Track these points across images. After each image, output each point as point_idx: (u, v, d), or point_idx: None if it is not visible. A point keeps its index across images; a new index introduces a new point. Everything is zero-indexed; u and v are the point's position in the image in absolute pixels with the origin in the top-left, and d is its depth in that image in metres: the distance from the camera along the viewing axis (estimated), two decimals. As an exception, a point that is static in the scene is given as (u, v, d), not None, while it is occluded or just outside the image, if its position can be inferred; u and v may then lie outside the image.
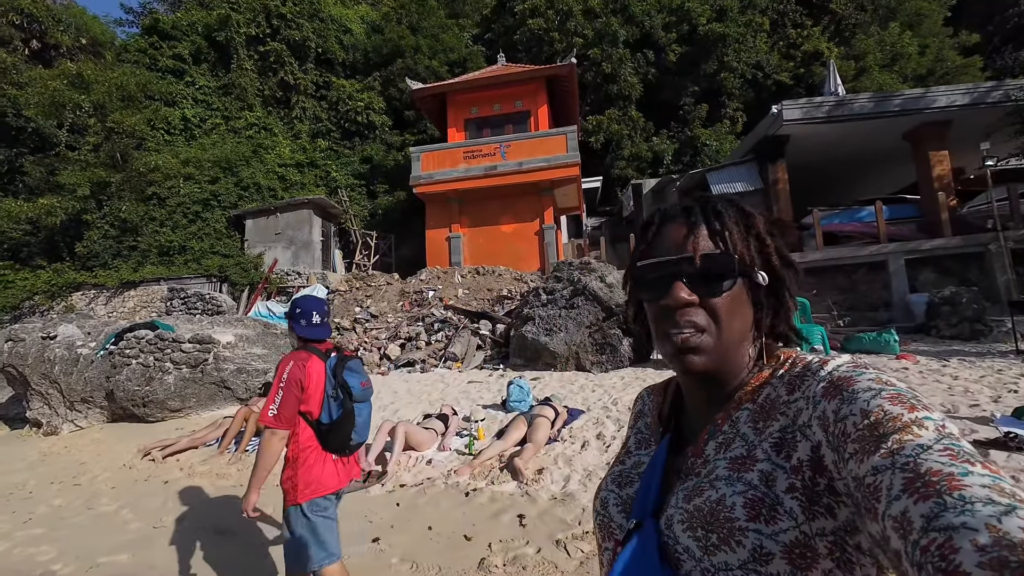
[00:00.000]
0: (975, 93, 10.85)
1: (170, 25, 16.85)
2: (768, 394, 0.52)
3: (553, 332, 7.28)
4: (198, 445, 4.80)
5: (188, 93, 16.37)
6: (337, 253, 15.02)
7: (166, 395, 6.03)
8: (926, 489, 0.33)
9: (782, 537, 0.44)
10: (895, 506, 0.34)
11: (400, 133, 17.40)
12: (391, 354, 9.11)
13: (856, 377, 0.45)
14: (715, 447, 0.53)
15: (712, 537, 0.46)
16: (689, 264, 0.55)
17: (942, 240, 8.76)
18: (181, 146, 15.24)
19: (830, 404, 0.44)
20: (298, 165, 15.83)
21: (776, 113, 11.37)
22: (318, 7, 17.74)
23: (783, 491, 0.45)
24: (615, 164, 19.02)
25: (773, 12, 20.73)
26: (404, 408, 5.65)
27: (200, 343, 6.42)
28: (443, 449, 4.15)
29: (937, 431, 0.38)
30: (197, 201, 13.73)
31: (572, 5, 18.27)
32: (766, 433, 0.49)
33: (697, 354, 0.54)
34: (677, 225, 0.58)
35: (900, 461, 0.36)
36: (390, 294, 11.57)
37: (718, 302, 0.54)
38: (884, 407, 0.41)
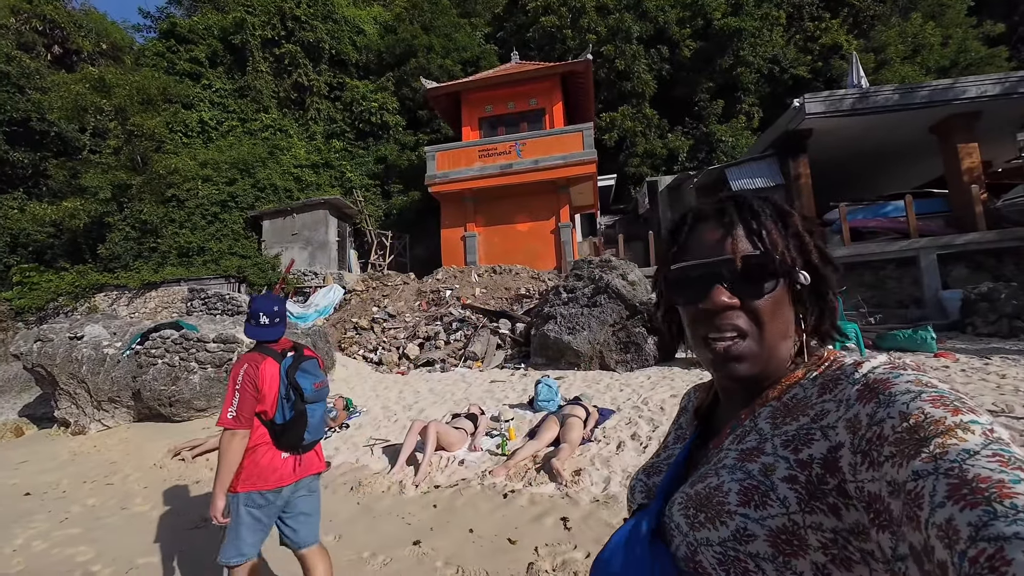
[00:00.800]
0: (1007, 83, 10.51)
1: (187, 29, 17.04)
2: (796, 394, 0.51)
3: (576, 331, 7.18)
4: (226, 445, 4.78)
5: (205, 96, 16.54)
6: (352, 253, 15.06)
7: (192, 395, 6.05)
8: (974, 496, 0.31)
9: (769, 522, 0.44)
10: (939, 513, 0.32)
11: (414, 133, 17.40)
12: (410, 354, 9.08)
13: (893, 380, 0.43)
14: (732, 440, 0.54)
15: (700, 516, 0.48)
16: (729, 266, 0.53)
17: (976, 234, 8.49)
18: (199, 148, 15.40)
19: (864, 407, 0.42)
20: (313, 166, 15.92)
21: (798, 107, 11.12)
22: (332, 8, 17.82)
23: (780, 479, 0.45)
24: (629, 162, 18.83)
25: (789, 5, 20.37)
26: (429, 408, 5.60)
27: (224, 343, 6.44)
28: (474, 449, 4.08)
29: (984, 435, 0.36)
30: (215, 202, 13.86)
31: (585, 1, 18.14)
32: (782, 429, 0.49)
33: (740, 361, 0.53)
34: (712, 225, 0.57)
35: (944, 466, 0.34)
36: (407, 294, 11.55)
37: (761, 305, 0.53)
38: (925, 410, 0.39)
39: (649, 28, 18.93)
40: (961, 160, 11.13)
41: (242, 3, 17.28)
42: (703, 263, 0.55)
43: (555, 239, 13.23)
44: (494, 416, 4.86)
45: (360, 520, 3.08)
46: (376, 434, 4.82)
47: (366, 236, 15.39)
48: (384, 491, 3.47)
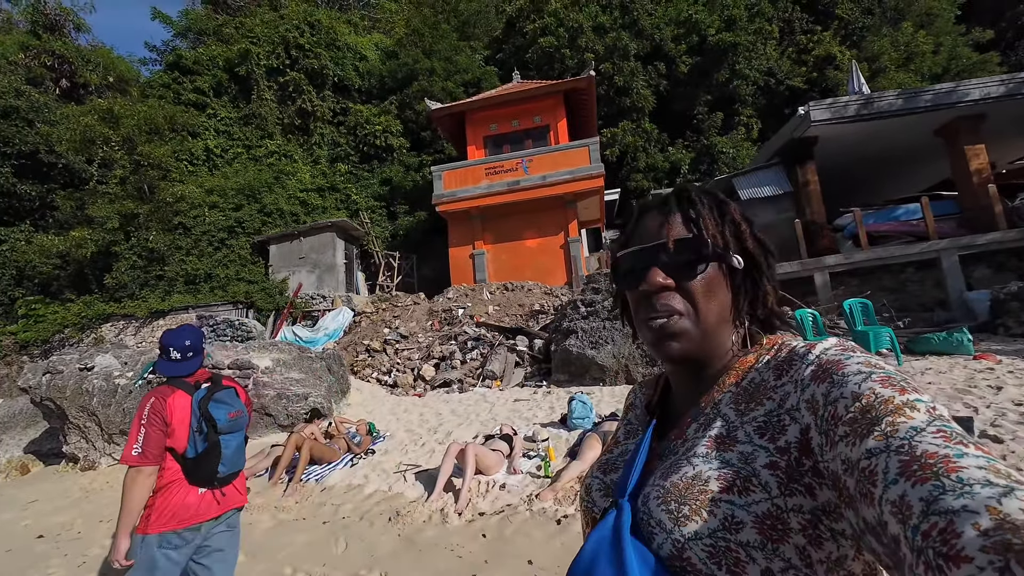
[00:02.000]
0: (1011, 84, 10.58)
1: (192, 61, 17.32)
2: (753, 378, 0.52)
3: (599, 345, 7.00)
4: (247, 476, 4.55)
5: (210, 124, 16.69)
6: (360, 275, 14.95)
7: (207, 424, 5.82)
8: (923, 472, 0.33)
9: (754, 508, 0.43)
10: (892, 490, 0.33)
11: (417, 154, 17.52)
12: (426, 375, 8.87)
13: (845, 360, 0.45)
14: (696, 428, 0.54)
15: (684, 509, 0.47)
16: (664, 250, 0.56)
17: (998, 234, 8.39)
18: (204, 176, 15.45)
19: (819, 387, 0.44)
20: (319, 190, 15.95)
21: (803, 114, 11.18)
22: (334, 36, 18.16)
23: (762, 466, 0.45)
24: (631, 176, 18.92)
25: (780, 20, 20.83)
26: (456, 430, 5.38)
27: (240, 368, 6.25)
28: (514, 472, 3.86)
29: (928, 413, 0.38)
30: (222, 228, 13.81)
31: (582, 22, 18.50)
32: (749, 416, 0.49)
33: (676, 339, 0.55)
34: (653, 215, 0.60)
35: (895, 444, 0.35)
36: (418, 314, 11.39)
37: (693, 285, 0.55)
38: (875, 390, 0.40)
39: (646, 45, 19.29)
40: (969, 161, 11.14)
41: (246, 35, 17.62)
42: (642, 248, 0.58)
43: (565, 254, 13.14)
44: (528, 436, 4.65)
45: (405, 555, 2.86)
46: (405, 459, 4.60)
47: (373, 258, 15.30)
48: (425, 521, 3.25)
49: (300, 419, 6.06)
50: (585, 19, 18.59)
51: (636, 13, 19.57)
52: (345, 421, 5.54)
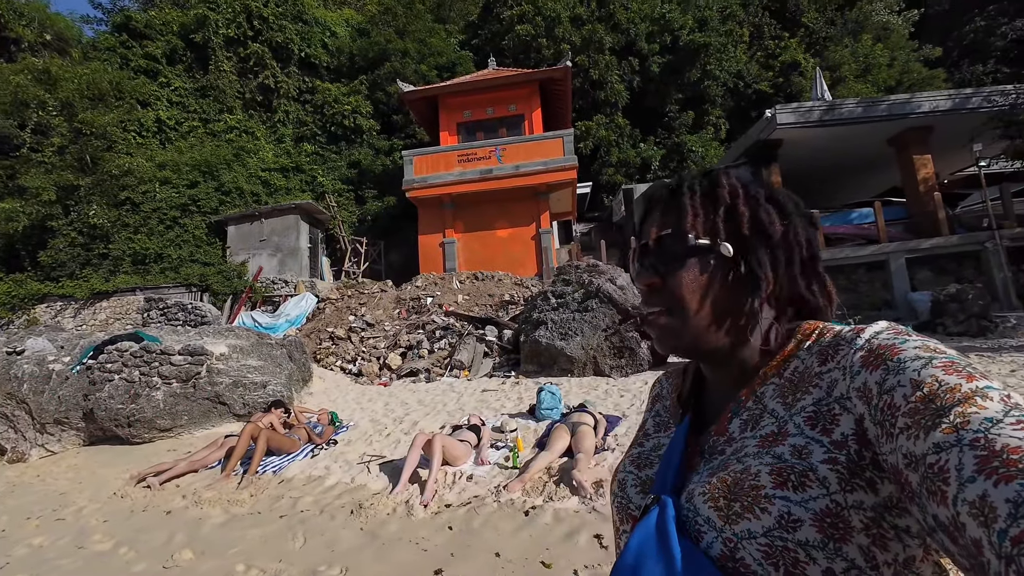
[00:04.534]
0: (956, 99, 11.27)
1: (143, 24, 16.01)
2: (796, 367, 0.49)
3: (569, 336, 7.02)
4: (198, 468, 4.29)
5: (163, 94, 15.54)
6: (325, 260, 14.43)
7: (155, 413, 5.46)
8: (1007, 469, 0.29)
9: (812, 504, 0.40)
10: (970, 489, 0.30)
11: (388, 137, 16.98)
12: (392, 364, 8.67)
13: (900, 345, 0.41)
14: (740, 424, 0.50)
15: (735, 506, 0.44)
16: (648, 247, 0.56)
17: (941, 239, 8.96)
18: (155, 149, 14.40)
19: (872, 375, 0.40)
20: (282, 169, 15.20)
21: (770, 117, 11.54)
22: (302, 9, 17.24)
23: (819, 461, 0.41)
24: (603, 170, 19.05)
25: (750, 25, 21.38)
26: (422, 420, 5.27)
27: (192, 355, 5.89)
28: (481, 463, 3.80)
29: (1003, 402, 0.34)
30: (175, 206, 12.95)
31: (560, 11, 18.34)
32: (797, 407, 0.46)
33: (666, 336, 0.54)
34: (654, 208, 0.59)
35: (968, 437, 0.32)
36: (385, 301, 11.11)
37: (676, 281, 0.53)
38: (938, 376, 0.36)
39: (621, 40, 19.34)
40: (917, 170, 11.84)
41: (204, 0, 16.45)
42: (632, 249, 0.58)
43: (536, 245, 13.12)
44: (496, 427, 4.60)
45: (367, 548, 2.75)
46: (369, 450, 4.46)
47: (339, 243, 14.78)
48: (389, 513, 3.14)
49: (258, 408, 5.78)
50: (563, 8, 18.45)
51: (612, 6, 19.58)
52: (305, 410, 5.32)
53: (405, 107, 15.33)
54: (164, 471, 4.13)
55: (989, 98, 10.91)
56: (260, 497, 3.64)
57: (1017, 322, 7.06)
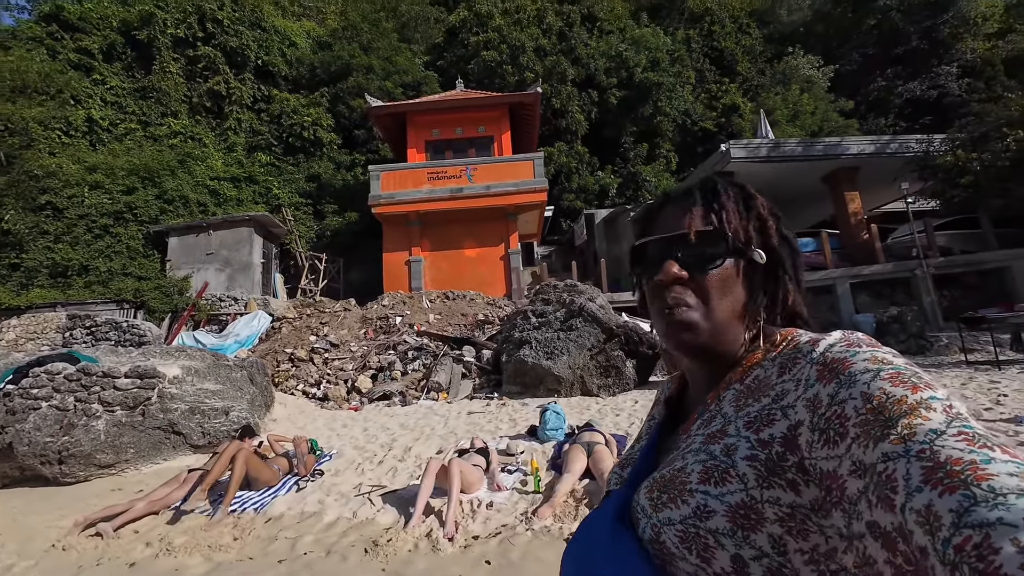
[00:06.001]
0: (878, 144, 12.78)
1: (77, 16, 14.57)
2: (757, 375, 0.51)
3: (555, 355, 6.93)
4: (159, 510, 3.69)
5: (96, 92, 14.10)
6: (278, 277, 13.49)
7: (94, 447, 4.69)
8: (950, 480, 0.31)
9: (727, 498, 0.44)
10: (917, 499, 0.32)
11: (350, 152, 16.45)
12: (362, 387, 8.14)
13: (851, 358, 0.43)
14: (700, 425, 0.54)
15: (663, 497, 0.49)
16: (682, 241, 0.55)
17: (879, 266, 9.92)
18: (84, 150, 12.95)
19: (825, 388, 0.43)
20: (233, 179, 14.17)
21: (724, 151, 12.44)
22: (260, 16, 16.54)
23: (741, 458, 0.45)
24: (564, 196, 19.57)
25: (693, 68, 23.27)
26: (415, 445, 4.91)
27: (141, 378, 5.16)
28: (497, 488, 3.56)
29: (946, 412, 0.36)
30: (107, 213, 11.60)
31: (524, 41, 18.97)
32: (744, 411, 0.49)
33: (686, 331, 0.54)
34: (676, 205, 0.59)
35: (915, 449, 0.34)
36: (350, 321, 10.51)
37: (708, 279, 0.54)
38: (886, 388, 0.39)
39: (581, 72, 20.29)
40: (848, 205, 13.20)
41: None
42: (660, 238, 0.57)
43: (505, 265, 13.07)
44: (502, 449, 4.37)
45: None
46: (362, 480, 4.06)
47: (295, 259, 13.92)
48: (411, 550, 2.82)
49: (221, 438, 5.14)
50: (527, 39, 19.10)
51: (573, 41, 20.58)
52: (281, 439, 4.79)
53: (369, 122, 15.00)
54: (118, 514, 3.50)
55: (905, 145, 12.47)
56: (246, 539, 3.16)
57: (949, 341, 7.87)
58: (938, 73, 25.78)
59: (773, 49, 26.91)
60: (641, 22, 24.69)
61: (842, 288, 9.81)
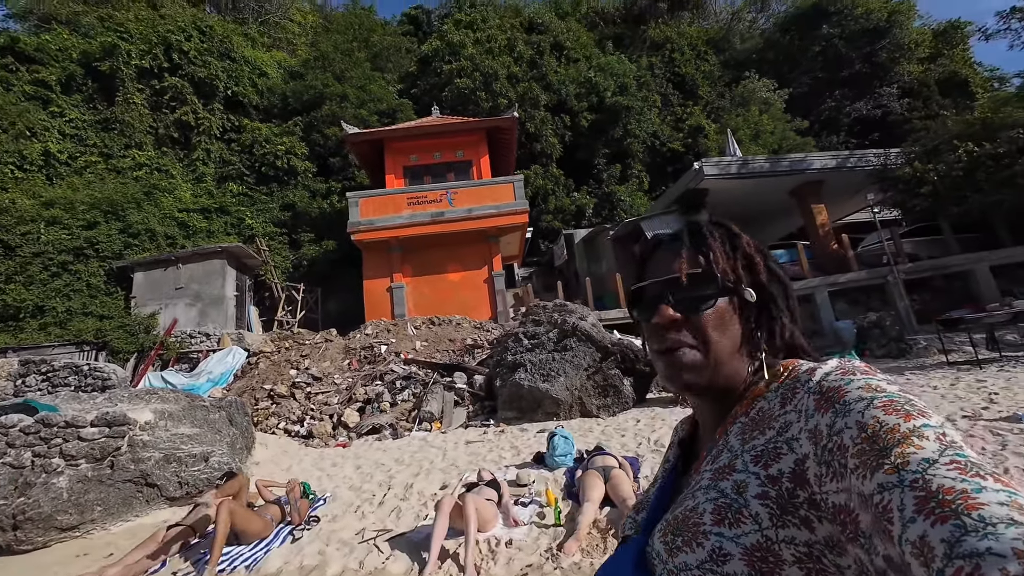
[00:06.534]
0: (839, 159, 13.46)
1: (33, 47, 14.03)
2: (761, 407, 0.52)
3: (552, 377, 6.77)
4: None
5: (54, 125, 13.48)
6: (253, 310, 12.93)
7: (55, 507, 4.20)
8: (942, 510, 0.31)
9: (743, 540, 0.43)
10: (911, 529, 0.32)
11: (325, 180, 16.20)
12: (348, 421, 7.75)
13: (845, 387, 0.44)
14: (708, 461, 0.54)
15: (678, 540, 0.47)
16: (674, 284, 0.56)
17: (854, 274, 10.28)
18: (40, 185, 12.26)
19: (823, 418, 0.43)
20: (203, 210, 13.66)
21: (698, 169, 12.84)
22: (229, 47, 16.36)
23: (753, 496, 0.44)
24: (542, 217, 19.77)
25: (658, 92, 24.31)
26: (416, 481, 4.63)
27: (110, 425, 4.72)
28: (514, 524, 3.34)
29: (938, 440, 0.36)
30: (65, 250, 10.91)
31: (497, 69, 19.40)
32: (750, 444, 0.49)
33: (686, 371, 0.55)
34: (666, 248, 0.61)
35: (908, 478, 0.34)
36: (332, 352, 10.09)
37: (704, 319, 0.55)
38: (879, 417, 0.39)
39: (553, 98, 20.84)
40: (815, 217, 13.76)
41: (114, 28, 14.97)
42: (653, 282, 0.59)
43: (489, 288, 12.94)
44: (511, 480, 4.14)
45: (423, 653, 2.18)
46: (363, 523, 3.75)
47: (271, 290, 13.40)
48: (432, 601, 2.57)
49: (201, 487, 4.72)
50: (500, 66, 19.54)
51: (544, 68, 21.20)
52: (270, 483, 4.43)
53: (345, 149, 14.87)
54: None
55: (864, 159, 13.19)
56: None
57: (927, 343, 8.14)
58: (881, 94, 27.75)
59: (731, 74, 28.41)
60: (606, 50, 25.76)
61: (821, 296, 10.10)
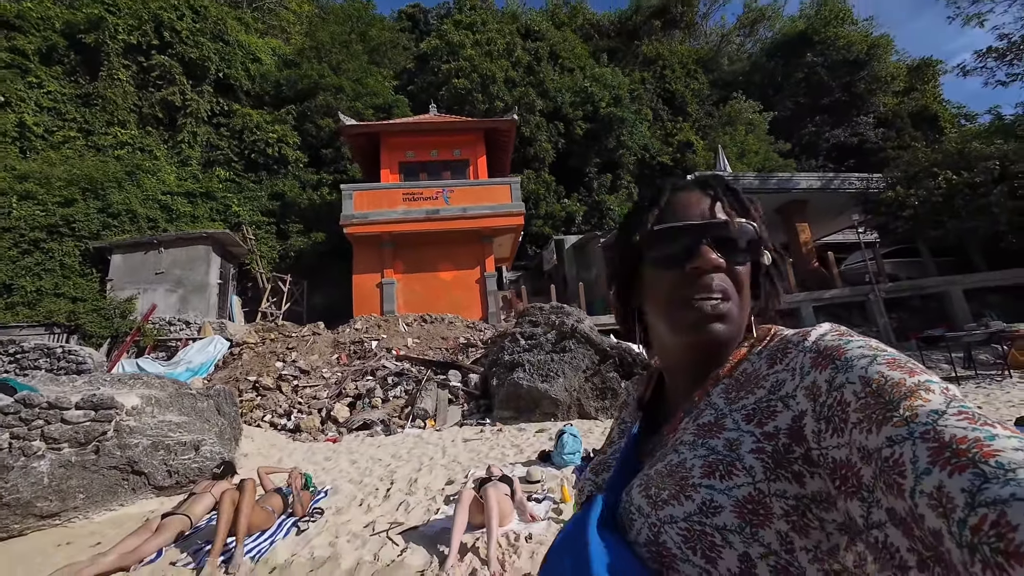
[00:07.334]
0: (823, 180, 13.98)
1: (14, 13, 13.35)
2: (745, 368, 0.51)
3: (551, 378, 6.77)
4: (131, 565, 3.11)
5: (31, 95, 12.81)
6: (235, 299, 12.51)
7: (34, 492, 3.94)
8: (958, 459, 0.30)
9: (735, 492, 0.42)
10: (926, 481, 0.31)
11: (316, 171, 15.87)
12: (338, 416, 7.55)
13: (845, 345, 0.43)
14: (688, 422, 0.53)
15: (663, 494, 0.46)
16: (720, 230, 0.54)
17: (838, 290, 10.65)
18: (13, 157, 11.61)
19: (822, 374, 0.42)
20: (188, 194, 13.17)
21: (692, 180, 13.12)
22: (223, 30, 15.92)
23: (747, 451, 0.44)
24: (532, 222, 19.83)
25: (649, 106, 24.82)
26: (419, 476, 4.53)
27: (96, 409, 4.47)
28: (531, 519, 3.31)
29: (944, 394, 0.36)
30: (38, 227, 10.33)
31: (495, 72, 19.46)
32: (738, 404, 0.48)
33: (723, 322, 0.52)
34: (696, 194, 0.58)
35: (918, 430, 0.33)
36: (320, 345, 9.85)
37: (742, 271, 0.54)
38: (884, 372, 0.38)
39: (549, 104, 21.02)
40: (799, 235, 14.23)
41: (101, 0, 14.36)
42: (695, 224, 0.54)
43: (481, 289, 12.88)
44: (521, 477, 4.10)
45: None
46: (368, 516, 3.65)
47: (255, 280, 13.00)
48: (459, 594, 2.51)
49: (191, 476, 4.52)
50: (497, 69, 19.60)
51: (542, 75, 21.38)
52: (274, 470, 4.28)
53: (340, 141, 14.63)
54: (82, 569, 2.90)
55: (848, 181, 13.73)
56: (256, 596, 2.70)
57: (906, 359, 8.47)
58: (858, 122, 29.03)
59: (718, 93, 29.23)
60: (601, 62, 26.18)
61: (806, 311, 10.43)
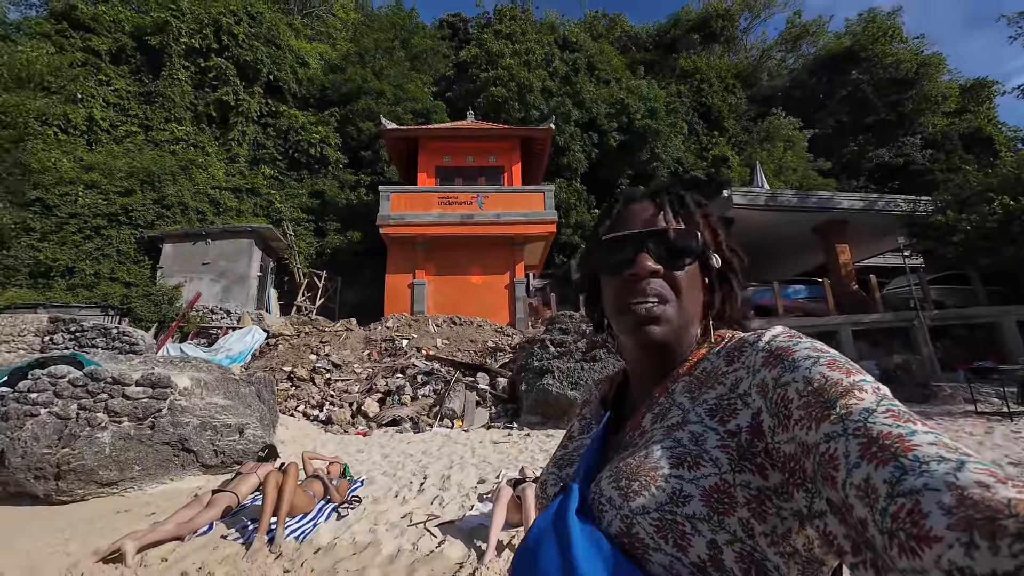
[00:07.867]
0: (867, 200, 13.54)
1: (89, 16, 14.38)
2: (704, 367, 0.54)
3: (579, 386, 6.77)
4: (185, 535, 3.29)
5: (100, 93, 13.76)
6: (272, 292, 12.99)
7: (97, 461, 4.21)
8: (882, 453, 0.34)
9: (703, 482, 0.44)
10: (856, 474, 0.34)
11: (355, 172, 16.40)
12: (369, 411, 7.74)
13: (794, 347, 0.47)
14: (651, 418, 0.54)
15: (633, 484, 0.47)
16: (656, 237, 0.57)
17: (879, 315, 10.28)
18: (80, 149, 12.46)
19: (770, 372, 0.45)
20: (235, 190, 13.83)
21: (727, 196, 12.93)
22: (276, 35, 16.73)
23: (713, 446, 0.46)
24: (562, 231, 19.85)
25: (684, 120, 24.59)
26: (452, 473, 4.63)
27: (154, 387, 4.75)
28: (566, 523, 3.34)
29: (875, 393, 0.39)
30: (100, 214, 11.04)
31: (532, 81, 19.70)
32: (700, 399, 0.50)
33: (658, 324, 0.55)
34: (643, 204, 0.61)
35: (852, 427, 0.36)
36: (352, 341, 10.12)
37: (680, 276, 0.57)
38: (824, 373, 0.42)
39: (584, 115, 21.12)
40: (839, 256, 13.79)
41: (168, 5, 15.33)
42: (634, 233, 0.58)
43: (510, 294, 12.98)
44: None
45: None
46: (404, 508, 3.75)
47: (292, 275, 13.48)
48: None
49: (236, 457, 4.73)
50: (535, 79, 19.84)
51: (578, 85, 21.51)
52: (317, 457, 4.44)
53: (379, 144, 15.07)
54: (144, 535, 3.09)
55: (893, 203, 13.27)
56: (299, 571, 2.83)
57: (951, 391, 8.11)
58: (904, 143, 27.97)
59: (756, 109, 28.71)
60: (637, 74, 26.16)
61: (844, 335, 10.10)
